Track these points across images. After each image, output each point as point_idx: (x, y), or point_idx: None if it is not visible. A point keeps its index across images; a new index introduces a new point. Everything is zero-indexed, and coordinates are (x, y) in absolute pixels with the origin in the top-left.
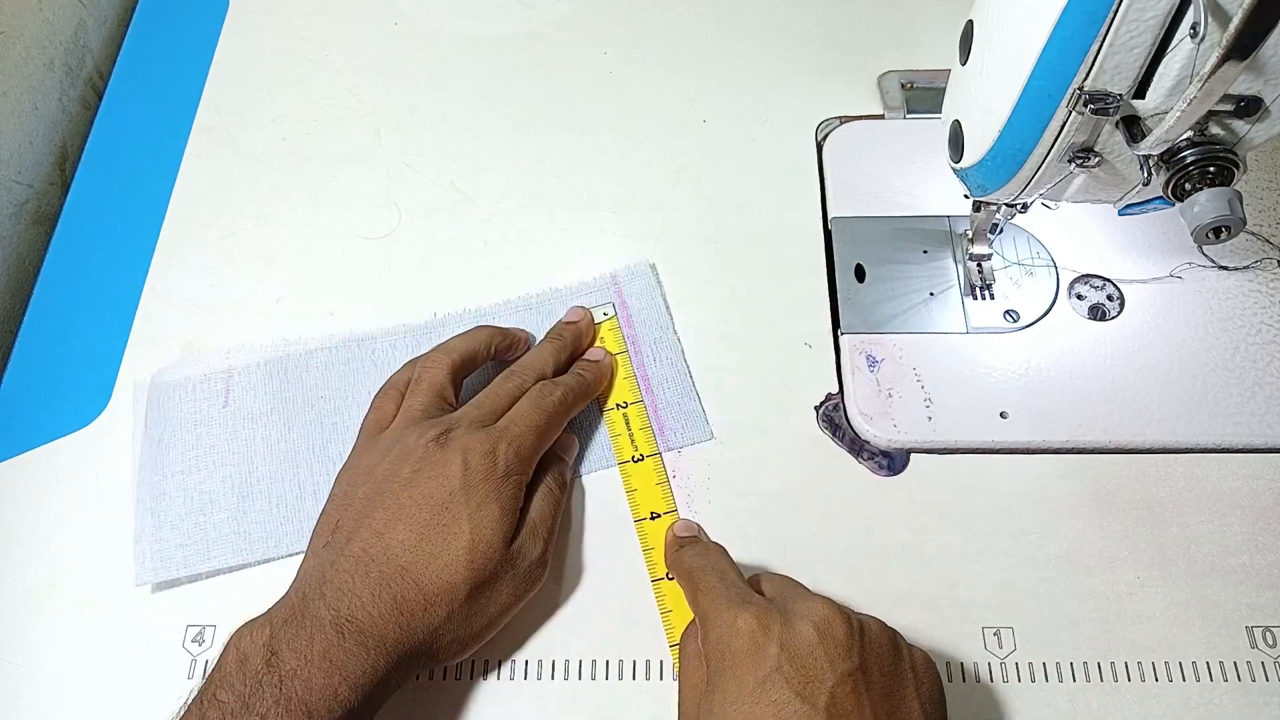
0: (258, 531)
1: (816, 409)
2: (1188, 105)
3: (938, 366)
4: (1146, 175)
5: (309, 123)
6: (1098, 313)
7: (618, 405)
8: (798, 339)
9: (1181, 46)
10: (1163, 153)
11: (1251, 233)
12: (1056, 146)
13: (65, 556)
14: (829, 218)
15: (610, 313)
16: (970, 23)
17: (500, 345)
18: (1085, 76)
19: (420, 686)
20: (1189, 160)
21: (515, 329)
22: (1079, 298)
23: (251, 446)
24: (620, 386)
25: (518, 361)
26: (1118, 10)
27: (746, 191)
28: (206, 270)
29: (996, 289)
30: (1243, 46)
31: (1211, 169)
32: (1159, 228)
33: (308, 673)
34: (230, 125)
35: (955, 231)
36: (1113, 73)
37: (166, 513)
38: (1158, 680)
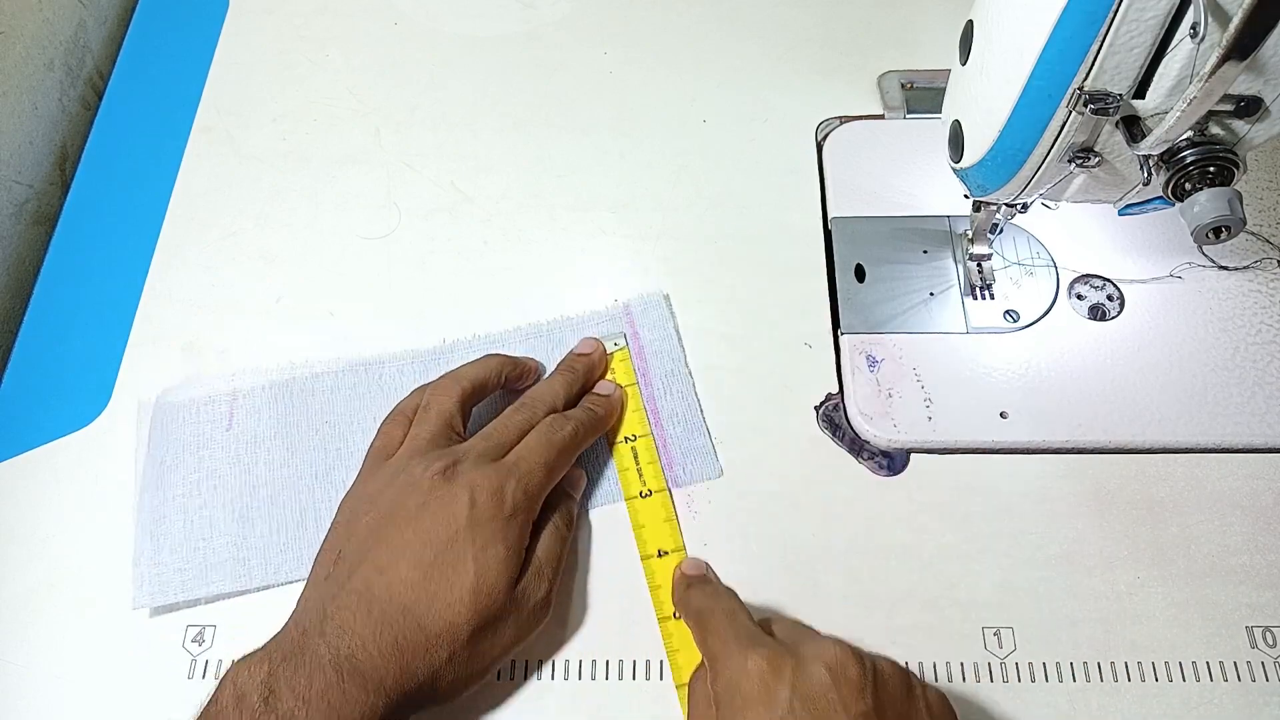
0: (256, 558)
1: (816, 409)
2: (1188, 105)
3: (938, 366)
4: (1146, 175)
5: (309, 123)
6: (1098, 313)
7: (626, 439)
8: (798, 339)
9: (1181, 46)
10: (1163, 153)
11: (1251, 233)
12: (1056, 146)
13: (65, 556)
14: (829, 218)
15: (621, 343)
16: (970, 23)
17: (511, 374)
18: (1085, 76)
19: None
20: (1189, 160)
21: (526, 358)
22: (1079, 298)
23: (254, 471)
24: (630, 419)
25: (528, 393)
26: (1118, 10)
27: (746, 191)
28: (206, 270)
29: (996, 289)
30: (1243, 46)
31: (1211, 169)
32: (1159, 228)
33: (305, 715)
34: (230, 125)
35: (955, 231)
36: (1113, 73)
37: (166, 536)
38: (1158, 680)
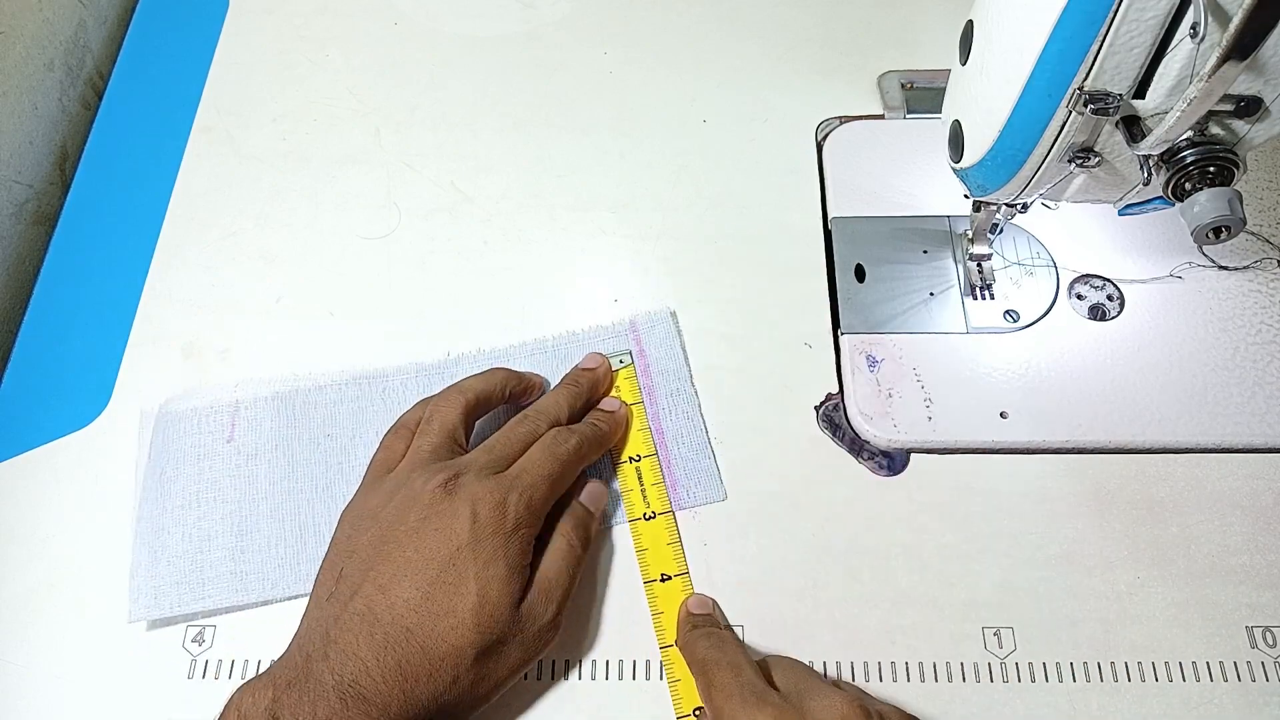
0: (254, 572)
1: (816, 409)
2: (1188, 105)
3: (938, 366)
4: (1146, 175)
5: (309, 123)
6: (1098, 313)
7: (631, 459)
8: (798, 339)
9: (1181, 46)
10: (1163, 153)
11: (1251, 233)
12: (1056, 146)
13: (65, 557)
14: (829, 218)
15: (627, 361)
16: (970, 23)
17: (515, 389)
18: (1085, 76)
19: None
20: (1189, 160)
21: (530, 374)
22: (1079, 298)
23: (254, 484)
24: (635, 439)
25: (531, 406)
26: (1118, 10)
27: (746, 191)
28: (206, 270)
29: (996, 289)
30: (1243, 46)
31: (1211, 169)
32: (1159, 228)
33: None
34: (230, 125)
35: (955, 231)
36: (1113, 73)
37: (164, 549)
38: (1158, 680)
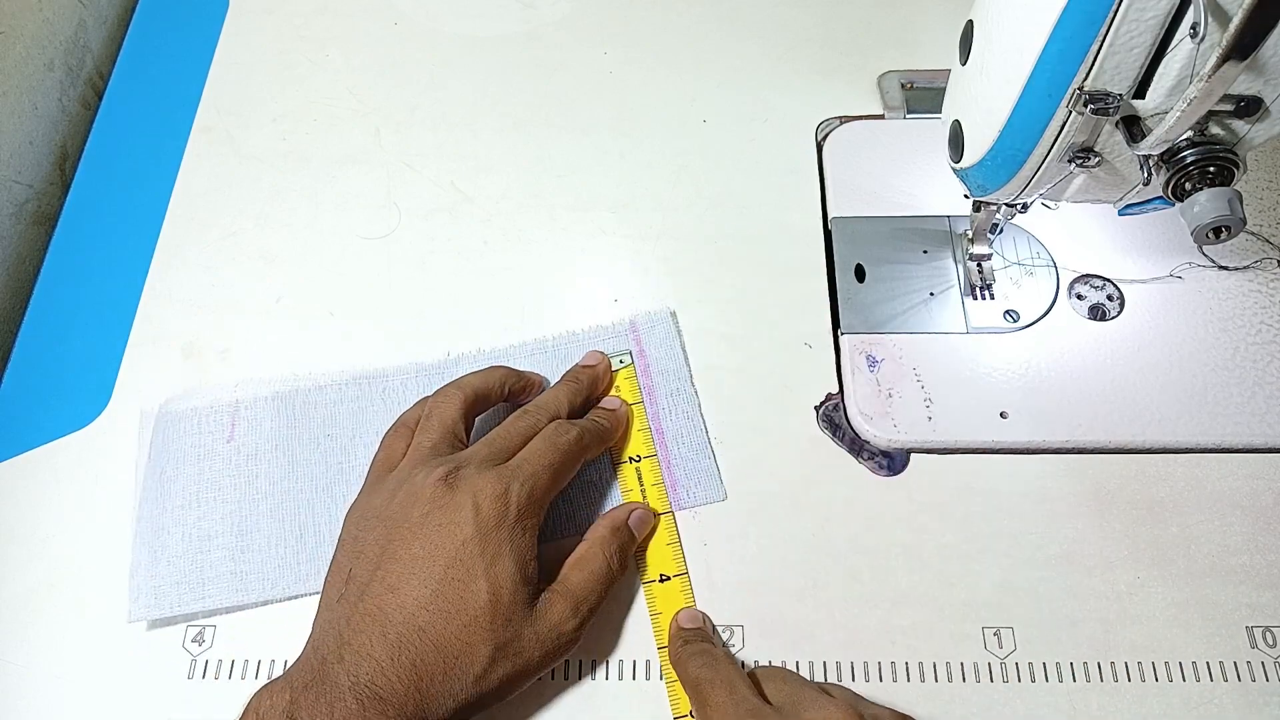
0: (254, 573)
1: (816, 409)
2: (1188, 105)
3: (938, 366)
4: (1146, 175)
5: (309, 123)
6: (1098, 313)
7: (631, 459)
8: (798, 339)
9: (1181, 46)
10: (1163, 153)
11: (1251, 233)
12: (1056, 146)
13: (65, 557)
14: (829, 218)
15: (627, 360)
16: (970, 23)
17: (515, 386)
18: (1085, 76)
19: None
20: (1189, 160)
21: (530, 372)
22: (1079, 298)
23: (254, 484)
24: (635, 439)
25: (531, 401)
26: (1118, 10)
27: (746, 191)
28: (206, 270)
29: (996, 289)
30: (1243, 46)
31: (1211, 169)
32: (1159, 228)
33: None
34: (230, 125)
35: (955, 231)
36: (1113, 73)
37: (164, 549)
38: (1158, 680)
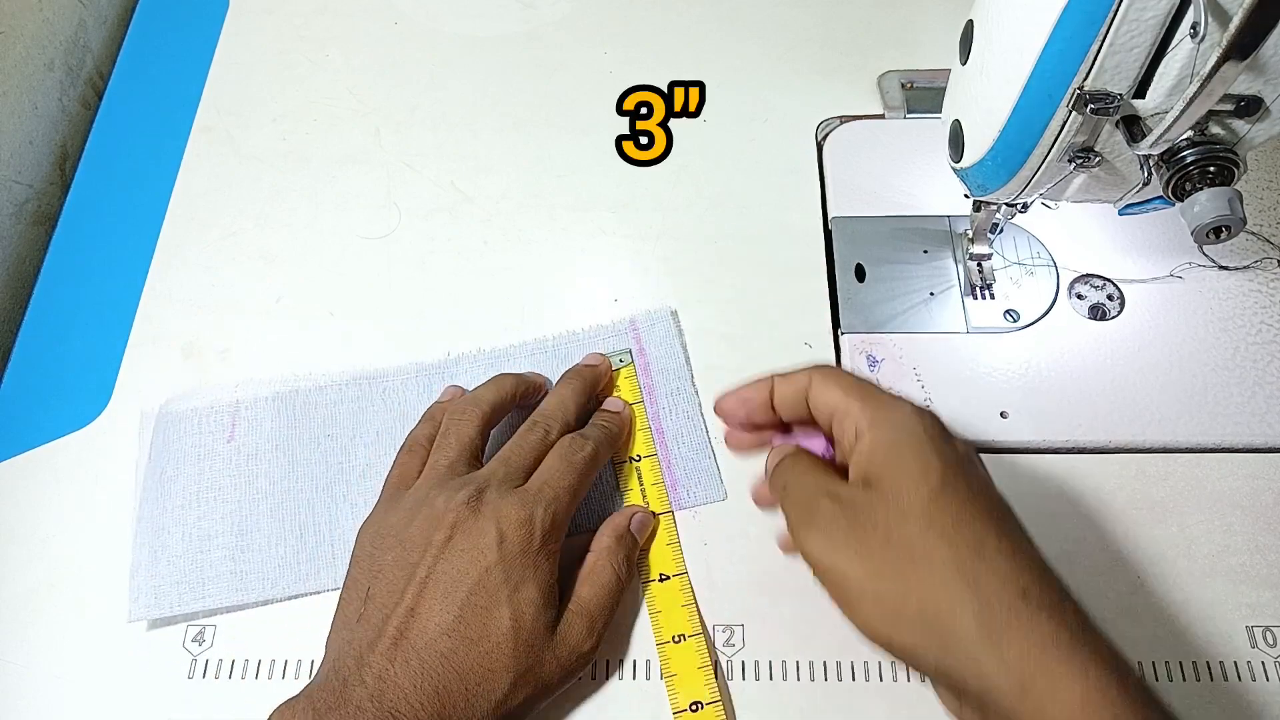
0: (254, 573)
1: None
2: (1188, 105)
3: (938, 366)
4: (1146, 175)
5: (309, 123)
6: (1098, 313)
7: (631, 459)
8: (798, 339)
9: (1181, 46)
10: (1163, 153)
11: (1251, 233)
12: (1056, 146)
13: (65, 557)
14: (829, 218)
15: (627, 360)
16: (970, 23)
17: (523, 392)
18: (1085, 76)
19: None
20: (1189, 160)
21: (533, 374)
22: (1079, 297)
23: (254, 484)
24: (635, 438)
25: (538, 410)
26: (1118, 10)
27: (746, 191)
28: (206, 270)
29: (996, 289)
30: (1243, 46)
31: (1211, 169)
32: (1159, 228)
33: None
34: (230, 125)
35: (955, 231)
36: (1113, 73)
37: (164, 549)
38: (1158, 680)
